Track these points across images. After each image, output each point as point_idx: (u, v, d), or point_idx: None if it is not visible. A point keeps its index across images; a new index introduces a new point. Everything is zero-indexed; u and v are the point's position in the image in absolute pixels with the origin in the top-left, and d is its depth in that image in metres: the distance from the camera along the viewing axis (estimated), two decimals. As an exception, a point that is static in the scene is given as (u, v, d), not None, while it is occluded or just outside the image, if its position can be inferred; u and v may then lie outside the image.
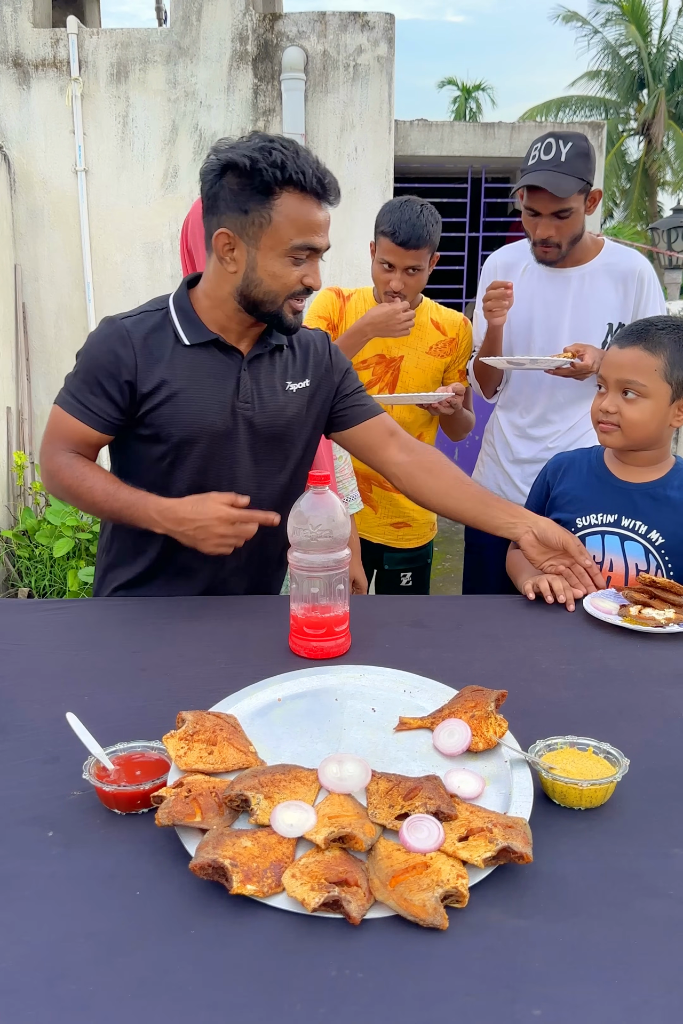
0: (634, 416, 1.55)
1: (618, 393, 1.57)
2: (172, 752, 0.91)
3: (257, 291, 1.42)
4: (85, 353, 1.47)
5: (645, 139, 19.49)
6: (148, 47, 4.84)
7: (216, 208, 1.39)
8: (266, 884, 0.74)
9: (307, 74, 4.85)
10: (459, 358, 2.30)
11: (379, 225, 2.10)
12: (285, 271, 1.39)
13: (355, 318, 2.21)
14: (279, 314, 1.44)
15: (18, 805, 0.88)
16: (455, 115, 24.99)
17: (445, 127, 5.60)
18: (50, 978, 0.66)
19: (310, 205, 1.37)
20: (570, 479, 1.70)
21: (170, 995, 0.65)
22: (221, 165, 1.36)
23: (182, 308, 1.49)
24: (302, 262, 1.40)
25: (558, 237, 2.05)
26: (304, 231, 1.37)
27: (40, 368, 5.10)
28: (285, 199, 1.35)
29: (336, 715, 1.05)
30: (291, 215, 1.36)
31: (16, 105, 4.85)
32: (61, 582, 4.41)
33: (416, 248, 2.05)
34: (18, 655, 1.27)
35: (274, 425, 1.53)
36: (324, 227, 1.41)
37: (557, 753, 0.93)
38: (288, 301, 1.43)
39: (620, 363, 1.56)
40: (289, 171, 1.33)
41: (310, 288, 1.43)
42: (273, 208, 1.35)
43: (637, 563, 1.59)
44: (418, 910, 0.71)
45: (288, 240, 1.37)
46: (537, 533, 1.50)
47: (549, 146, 2.00)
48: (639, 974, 0.67)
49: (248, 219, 1.36)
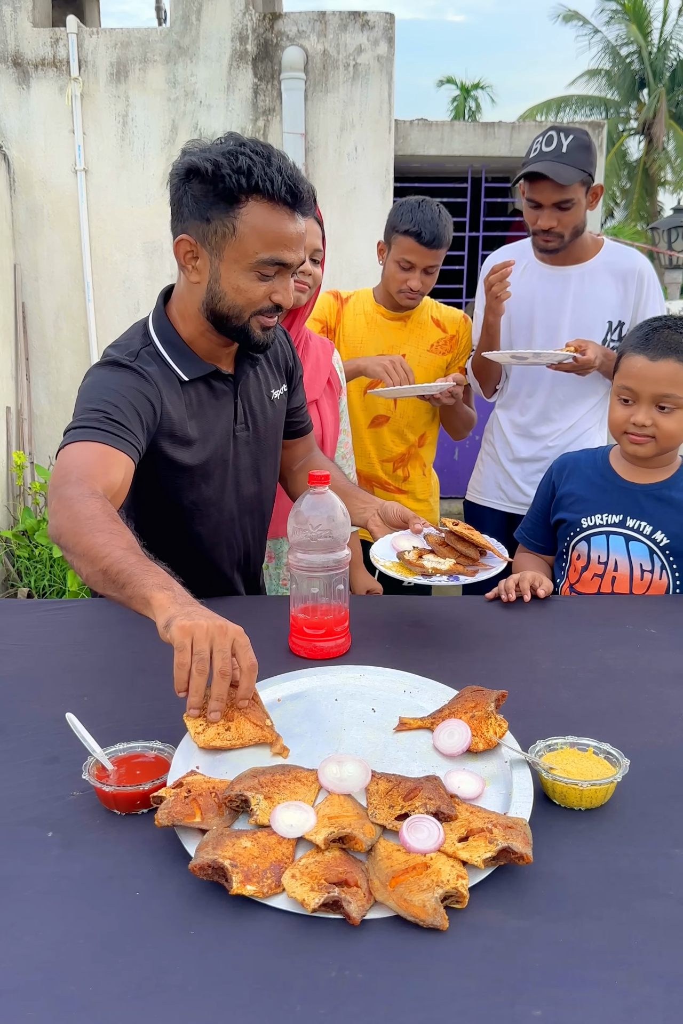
0: (672, 428, 1.55)
1: (652, 406, 1.55)
2: (191, 729, 0.93)
3: (221, 305, 1.32)
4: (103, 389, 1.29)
5: (645, 139, 19.49)
6: (148, 47, 4.84)
7: (181, 214, 1.30)
8: (266, 884, 0.74)
9: (307, 74, 4.85)
10: (459, 355, 2.31)
11: (397, 225, 2.08)
12: (250, 286, 1.29)
13: (352, 320, 2.23)
14: (246, 330, 1.34)
15: (18, 805, 0.89)
16: (454, 114, 24.99)
17: (445, 127, 5.59)
18: (50, 978, 0.66)
19: (280, 216, 1.26)
20: (575, 480, 1.70)
21: (170, 995, 0.65)
22: (185, 169, 1.26)
23: (169, 340, 1.38)
24: (270, 278, 1.30)
25: (560, 228, 2.05)
26: (271, 245, 1.26)
27: (40, 368, 5.10)
28: (251, 208, 1.24)
29: (336, 715, 1.05)
30: (257, 226, 1.25)
31: (16, 105, 4.85)
32: (61, 582, 4.41)
33: (438, 248, 2.07)
34: (18, 655, 1.27)
35: (267, 437, 1.54)
36: (296, 240, 1.29)
37: (557, 753, 0.93)
38: (255, 317, 1.33)
39: (657, 377, 1.54)
40: (255, 178, 1.22)
41: (280, 306, 1.33)
42: (237, 218, 1.25)
43: (642, 563, 1.59)
44: (418, 910, 0.71)
45: (253, 254, 1.26)
46: (380, 514, 1.50)
47: (550, 138, 2.01)
48: (639, 974, 0.67)
49: (210, 228, 1.27)
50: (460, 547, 1.36)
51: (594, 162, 2.04)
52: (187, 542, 1.48)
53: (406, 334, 2.25)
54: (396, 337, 2.24)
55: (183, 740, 0.96)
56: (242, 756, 0.95)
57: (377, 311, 2.24)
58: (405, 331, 2.25)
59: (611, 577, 1.60)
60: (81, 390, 1.32)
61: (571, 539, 1.67)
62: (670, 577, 1.59)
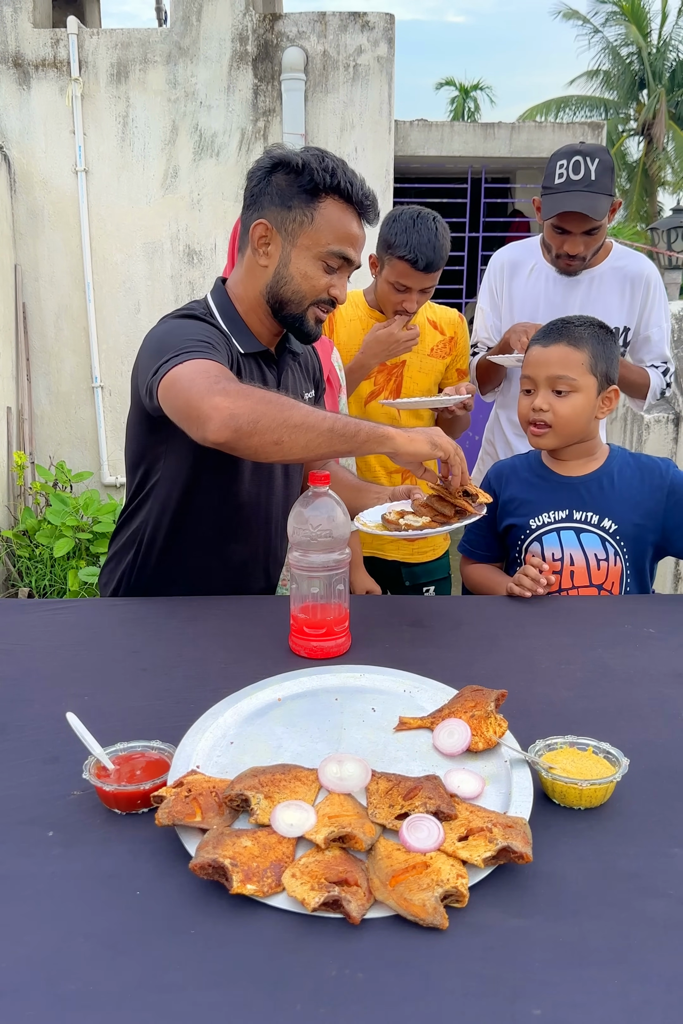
0: (566, 412, 1.59)
1: (548, 391, 1.61)
2: None
3: (286, 289, 1.42)
4: (193, 328, 1.35)
5: (645, 139, 19.48)
6: (148, 47, 4.84)
7: (258, 204, 1.41)
8: (266, 884, 0.74)
9: (307, 74, 4.85)
10: (458, 357, 2.25)
11: (390, 245, 1.97)
12: (316, 273, 1.40)
13: (347, 328, 2.15)
14: (302, 317, 1.44)
15: (18, 805, 0.88)
16: (453, 115, 24.99)
17: (445, 127, 5.59)
18: (50, 978, 0.66)
19: (351, 218, 1.40)
20: (514, 484, 1.72)
21: (170, 995, 0.65)
22: (273, 163, 1.38)
23: (229, 315, 1.47)
24: (333, 271, 1.41)
25: (585, 251, 2.06)
26: (342, 240, 1.39)
27: (40, 368, 5.10)
28: (329, 204, 1.37)
29: (336, 715, 1.05)
30: (332, 221, 1.38)
31: (16, 105, 4.85)
32: (61, 582, 4.41)
33: (436, 271, 1.99)
34: (18, 655, 1.27)
35: None
36: (360, 243, 1.43)
37: (557, 753, 0.93)
38: (313, 307, 1.43)
39: (548, 360, 1.60)
40: (338, 179, 1.36)
41: (335, 300, 1.44)
42: (316, 209, 1.37)
43: (596, 553, 1.62)
44: (418, 910, 0.71)
45: (325, 244, 1.38)
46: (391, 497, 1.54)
47: (578, 164, 1.98)
48: (639, 974, 0.67)
49: (290, 215, 1.38)
50: (437, 506, 1.41)
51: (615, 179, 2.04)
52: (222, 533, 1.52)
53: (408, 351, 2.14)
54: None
55: (183, 740, 0.96)
56: (242, 756, 0.95)
57: (372, 317, 2.15)
58: None
59: (569, 572, 1.62)
60: (160, 335, 1.35)
61: (522, 542, 1.68)
62: (623, 561, 1.61)
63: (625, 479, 1.64)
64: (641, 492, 1.62)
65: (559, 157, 2.03)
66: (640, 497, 1.62)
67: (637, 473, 1.64)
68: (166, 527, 1.51)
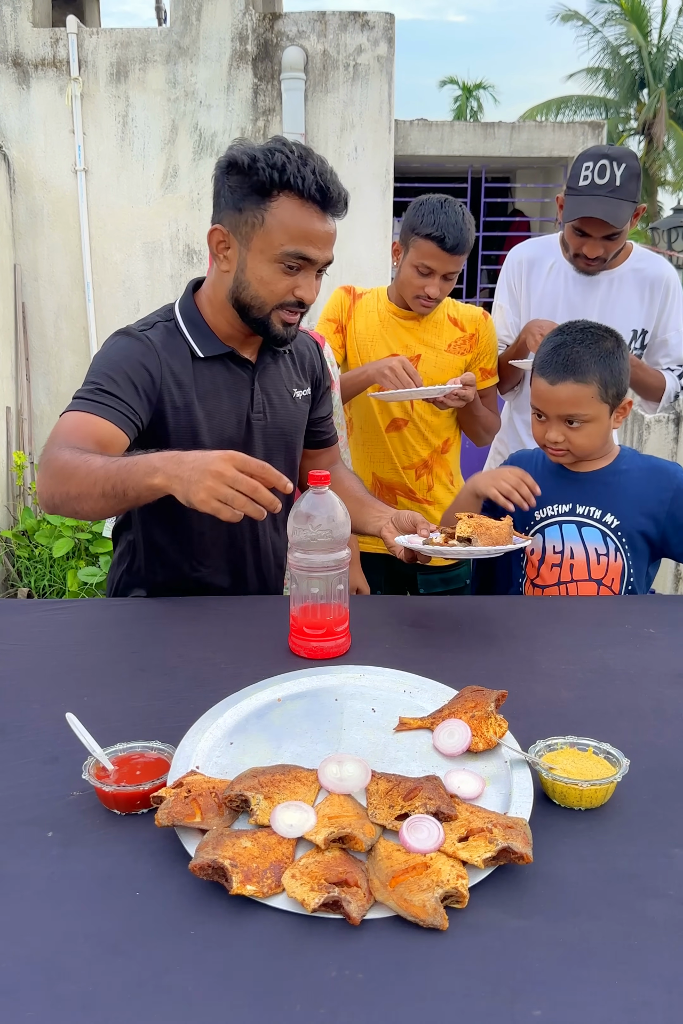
0: (582, 441, 1.60)
1: (561, 423, 1.60)
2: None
3: (245, 294, 1.38)
4: (103, 361, 1.38)
5: (645, 139, 19.47)
6: (148, 47, 4.84)
7: (217, 207, 1.38)
8: (266, 884, 0.74)
9: (307, 74, 4.85)
10: (481, 355, 2.17)
11: (416, 227, 1.95)
12: (274, 277, 1.35)
13: (365, 318, 2.14)
14: (266, 322, 1.39)
15: (18, 805, 0.88)
16: (456, 114, 24.98)
17: (445, 127, 5.59)
18: (50, 978, 0.66)
19: (308, 214, 1.32)
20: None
21: (170, 995, 0.65)
22: (227, 162, 1.34)
23: (191, 319, 1.45)
24: (295, 272, 1.35)
25: (605, 254, 2.04)
26: (297, 239, 1.32)
27: (40, 368, 5.10)
28: (281, 202, 1.31)
29: (336, 715, 1.05)
30: (285, 220, 1.31)
31: (16, 105, 4.85)
32: (61, 582, 4.41)
33: (461, 254, 1.96)
34: (18, 655, 1.27)
35: (285, 433, 1.55)
36: (323, 239, 1.34)
37: (557, 753, 0.93)
38: (277, 311, 1.38)
39: (558, 400, 1.58)
40: (288, 174, 1.29)
41: (302, 301, 1.38)
42: (267, 210, 1.31)
43: (596, 547, 1.62)
44: (418, 910, 0.71)
45: (279, 245, 1.32)
46: (394, 521, 1.49)
47: (603, 168, 1.95)
48: (639, 974, 0.67)
49: (242, 217, 1.34)
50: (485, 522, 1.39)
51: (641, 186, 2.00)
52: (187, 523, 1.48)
53: (420, 334, 2.13)
54: (410, 337, 2.13)
55: (183, 740, 0.96)
56: (242, 757, 0.95)
57: (390, 310, 2.13)
58: (419, 331, 2.12)
59: (569, 565, 1.63)
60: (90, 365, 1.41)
61: (525, 534, 1.67)
62: (624, 557, 1.61)
63: (632, 478, 1.64)
64: (647, 492, 1.62)
65: (586, 159, 1.99)
66: (645, 497, 1.62)
67: (645, 473, 1.65)
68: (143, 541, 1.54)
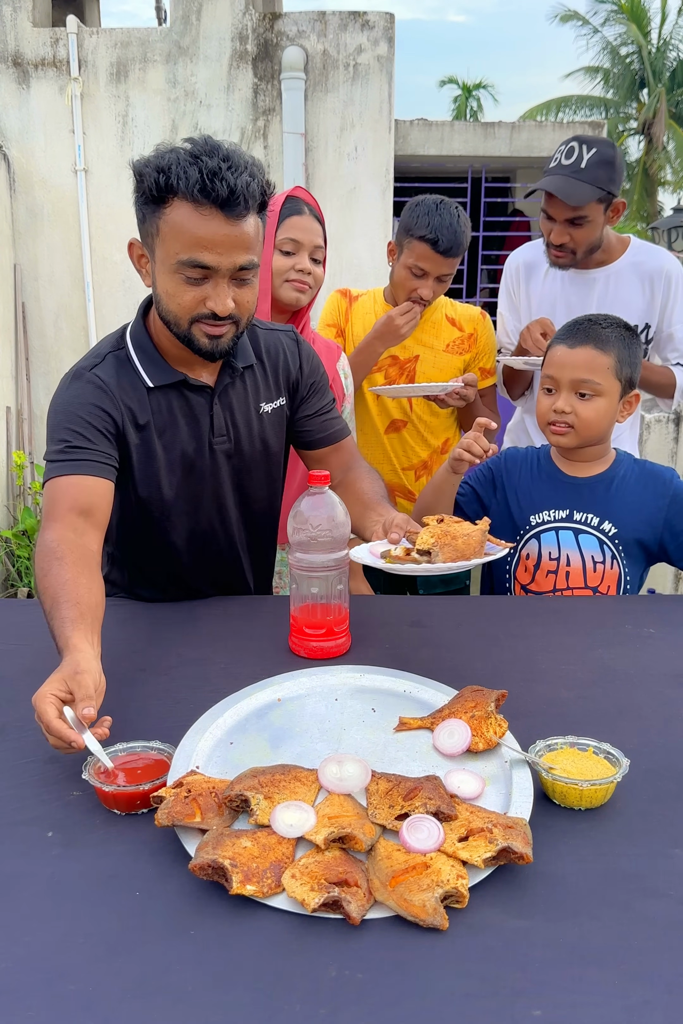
0: (590, 415, 1.58)
1: (572, 393, 1.59)
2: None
3: (161, 310, 1.28)
4: (63, 413, 1.30)
5: (645, 138, 19.47)
6: (148, 46, 4.84)
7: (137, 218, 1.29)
8: (266, 884, 0.74)
9: (307, 73, 4.85)
10: (480, 354, 2.18)
11: (411, 228, 1.95)
12: (178, 289, 1.22)
13: (362, 320, 2.14)
14: (188, 336, 1.27)
15: (18, 805, 0.89)
16: (456, 114, 24.97)
17: (445, 126, 5.59)
18: (50, 978, 0.66)
19: (202, 217, 1.18)
20: (523, 473, 1.72)
21: (170, 995, 0.65)
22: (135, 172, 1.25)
23: (141, 345, 1.36)
24: (198, 281, 1.22)
25: (572, 244, 2.02)
26: (191, 246, 1.18)
27: (40, 368, 5.09)
28: (174, 208, 1.19)
29: (336, 715, 1.05)
30: (176, 226, 1.19)
31: (16, 105, 4.85)
32: (61, 582, 4.40)
33: (455, 256, 1.97)
34: (18, 655, 1.27)
35: (253, 452, 1.46)
36: (220, 243, 1.19)
37: (557, 753, 0.93)
38: (196, 324, 1.25)
39: (574, 363, 1.58)
40: (171, 177, 1.17)
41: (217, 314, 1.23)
42: (160, 218, 1.20)
43: (593, 555, 1.62)
44: (418, 910, 0.71)
45: (174, 254, 1.20)
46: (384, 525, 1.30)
47: (571, 150, 1.95)
48: (639, 974, 0.67)
49: (145, 228, 1.25)
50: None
51: (616, 178, 1.97)
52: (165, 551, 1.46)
53: (418, 334, 2.13)
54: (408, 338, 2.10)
55: (183, 740, 0.96)
56: (242, 756, 0.95)
57: (386, 310, 2.11)
58: (417, 332, 2.12)
59: (565, 572, 1.62)
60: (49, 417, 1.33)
61: (521, 537, 1.68)
62: (620, 565, 1.61)
63: (629, 484, 1.64)
64: (643, 498, 1.62)
65: (562, 143, 2.02)
66: (642, 503, 1.62)
67: (641, 479, 1.64)
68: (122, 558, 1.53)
